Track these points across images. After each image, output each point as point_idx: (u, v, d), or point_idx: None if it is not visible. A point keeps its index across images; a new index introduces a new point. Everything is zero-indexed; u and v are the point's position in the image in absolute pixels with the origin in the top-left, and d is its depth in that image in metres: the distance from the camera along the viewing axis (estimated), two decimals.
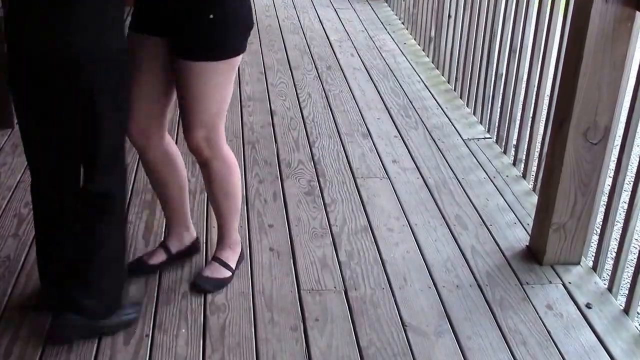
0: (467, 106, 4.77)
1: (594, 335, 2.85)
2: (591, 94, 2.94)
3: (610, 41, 2.86)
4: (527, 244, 3.37)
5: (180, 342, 2.72)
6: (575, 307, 2.99)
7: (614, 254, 3.12)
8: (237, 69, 2.79)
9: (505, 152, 4.21)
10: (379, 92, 4.97)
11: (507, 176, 3.97)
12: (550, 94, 3.57)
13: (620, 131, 3.10)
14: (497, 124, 4.32)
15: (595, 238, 3.32)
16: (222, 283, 3.01)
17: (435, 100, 4.90)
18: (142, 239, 3.30)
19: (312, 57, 5.57)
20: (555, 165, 3.12)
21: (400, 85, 5.10)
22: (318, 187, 3.77)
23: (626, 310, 2.97)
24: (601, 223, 3.20)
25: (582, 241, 3.21)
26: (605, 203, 3.18)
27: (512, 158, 4.11)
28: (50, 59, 2.31)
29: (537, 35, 3.80)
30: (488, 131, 4.43)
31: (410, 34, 6.16)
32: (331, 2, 7.03)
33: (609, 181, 3.24)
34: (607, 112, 2.98)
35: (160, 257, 3.08)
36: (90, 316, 2.66)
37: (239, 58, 2.74)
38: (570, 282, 3.13)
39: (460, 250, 3.33)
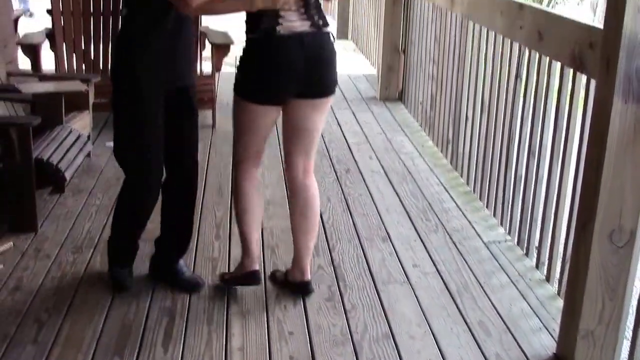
0: (487, 208, 4.74)
1: None
2: (614, 196, 2.90)
3: (632, 142, 2.84)
4: (555, 351, 3.27)
5: None
6: None
7: None
8: None
9: (527, 254, 4.15)
10: (398, 195, 4.95)
11: (530, 279, 3.90)
12: (572, 195, 3.53)
13: None
14: (518, 226, 4.27)
15: (627, 344, 3.22)
16: None
17: (455, 202, 4.87)
18: None
19: (330, 160, 5.59)
20: (580, 269, 3.05)
21: (419, 188, 5.09)
22: (338, 293, 3.72)
23: None
24: (632, 328, 3.11)
25: (613, 348, 3.11)
26: (636, 307, 3.10)
27: (535, 261, 4.05)
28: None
29: (556, 136, 3.79)
30: (509, 233, 4.38)
31: (428, 136, 6.18)
32: (349, 105, 7.10)
33: (637, 283, 3.16)
34: (632, 215, 2.93)
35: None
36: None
37: None
38: None
39: (484, 357, 3.23)
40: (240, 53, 3.36)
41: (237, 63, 3.38)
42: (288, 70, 3.32)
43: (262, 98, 3.39)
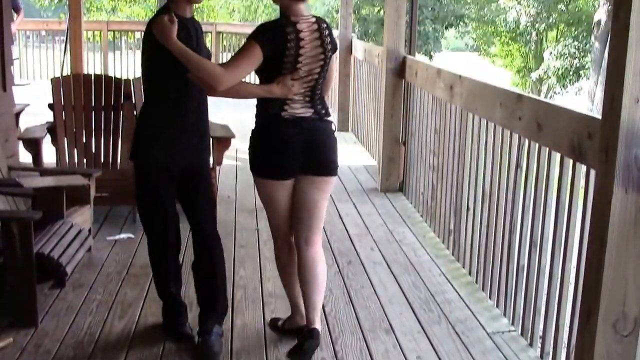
0: (490, 298, 4.71)
1: None
2: (617, 285, 2.88)
3: (633, 231, 2.84)
4: None
5: None
6: None
7: None
8: None
9: (531, 344, 4.10)
10: (400, 286, 4.93)
11: None
12: (575, 284, 3.52)
13: None
14: (521, 316, 4.24)
15: None
16: None
17: (457, 293, 4.84)
18: None
19: (332, 252, 5.57)
20: (585, 359, 3.01)
21: (421, 279, 5.06)
22: None
23: None
24: None
25: None
26: None
27: (539, 351, 4.00)
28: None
29: (557, 226, 3.79)
30: (512, 324, 4.34)
31: (430, 227, 6.17)
32: (350, 197, 7.11)
33: None
34: (635, 303, 2.91)
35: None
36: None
37: None
38: None
39: None
40: (250, 134, 3.77)
41: (249, 144, 3.80)
42: (288, 149, 3.72)
43: (271, 173, 3.79)
